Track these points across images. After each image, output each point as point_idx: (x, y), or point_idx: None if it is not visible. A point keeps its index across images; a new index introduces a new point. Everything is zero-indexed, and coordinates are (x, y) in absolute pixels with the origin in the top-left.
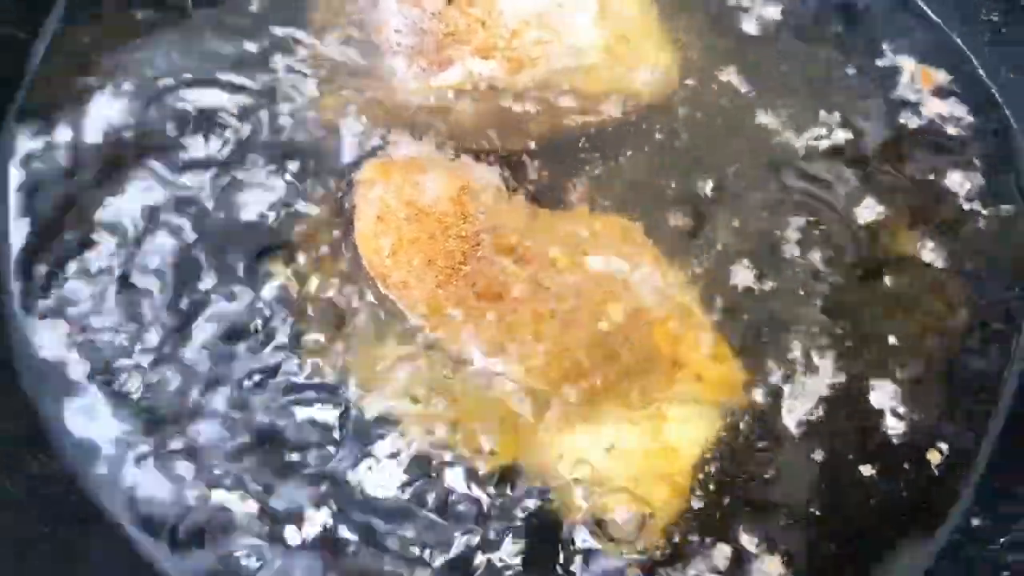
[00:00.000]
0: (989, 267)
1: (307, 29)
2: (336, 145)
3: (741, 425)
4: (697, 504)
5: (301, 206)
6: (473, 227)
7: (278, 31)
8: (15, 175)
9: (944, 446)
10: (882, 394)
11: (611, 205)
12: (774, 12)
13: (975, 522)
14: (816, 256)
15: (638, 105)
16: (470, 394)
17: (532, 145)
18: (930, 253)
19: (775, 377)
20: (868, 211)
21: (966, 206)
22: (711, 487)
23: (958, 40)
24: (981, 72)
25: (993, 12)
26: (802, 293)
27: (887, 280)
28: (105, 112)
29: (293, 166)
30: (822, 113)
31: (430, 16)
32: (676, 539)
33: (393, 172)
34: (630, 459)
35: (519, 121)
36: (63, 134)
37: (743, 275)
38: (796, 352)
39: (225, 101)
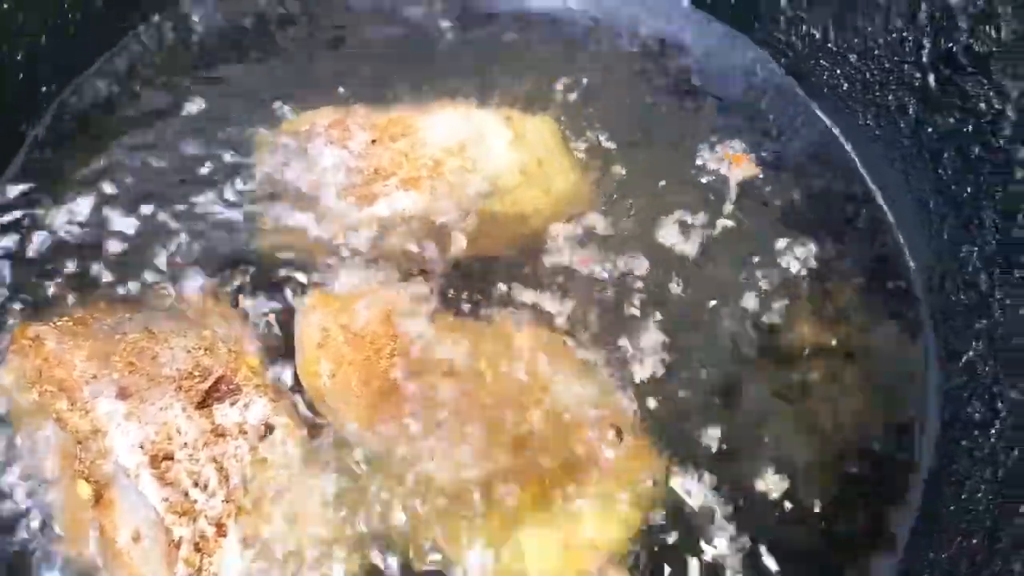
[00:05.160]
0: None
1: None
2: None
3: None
4: None
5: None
6: (402, 346)
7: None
8: None
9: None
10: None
11: (532, 315)
12: None
13: None
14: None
15: (553, 221)
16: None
17: (457, 263)
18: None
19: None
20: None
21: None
22: None
23: None
24: None
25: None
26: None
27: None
28: None
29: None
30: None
31: (357, 155)
32: None
33: (331, 301)
34: (547, 558)
35: (443, 243)
36: None
37: (653, 370)
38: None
39: None
